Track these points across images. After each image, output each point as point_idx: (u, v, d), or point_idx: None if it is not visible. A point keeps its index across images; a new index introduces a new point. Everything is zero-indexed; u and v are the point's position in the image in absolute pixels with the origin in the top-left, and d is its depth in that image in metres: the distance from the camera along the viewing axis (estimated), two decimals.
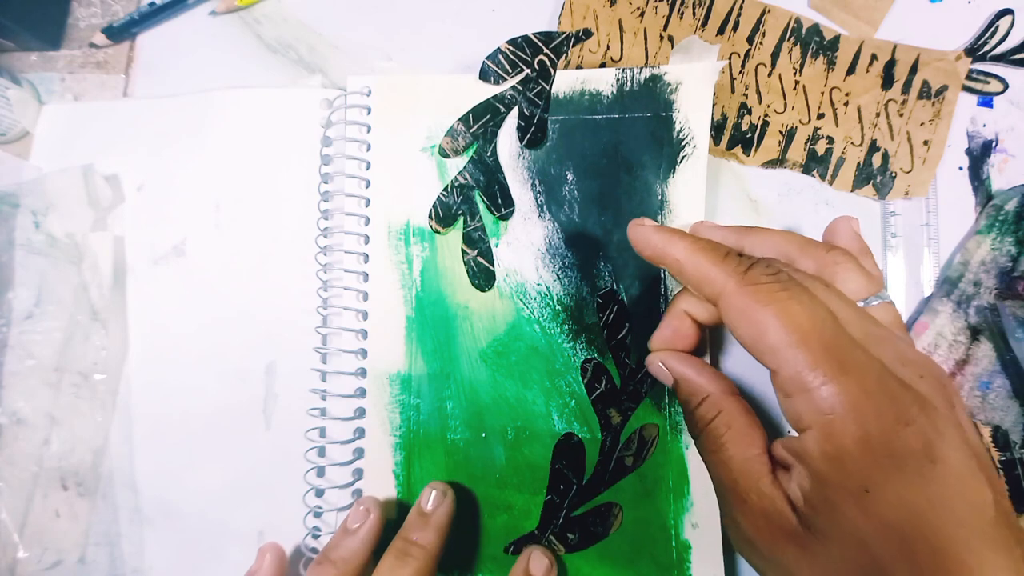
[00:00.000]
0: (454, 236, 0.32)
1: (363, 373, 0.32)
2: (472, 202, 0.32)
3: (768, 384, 0.22)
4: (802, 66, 0.34)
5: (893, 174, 0.33)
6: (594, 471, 0.30)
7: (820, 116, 0.33)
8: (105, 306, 0.34)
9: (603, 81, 0.31)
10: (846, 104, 0.33)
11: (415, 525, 0.29)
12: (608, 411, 0.30)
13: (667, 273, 0.30)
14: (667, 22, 0.35)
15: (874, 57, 0.33)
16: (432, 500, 0.29)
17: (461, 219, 0.32)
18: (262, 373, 0.34)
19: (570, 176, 0.32)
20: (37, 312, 0.34)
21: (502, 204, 0.32)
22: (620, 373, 0.30)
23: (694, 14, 0.34)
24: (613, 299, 0.31)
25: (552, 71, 0.32)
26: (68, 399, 0.33)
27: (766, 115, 0.34)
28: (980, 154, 0.33)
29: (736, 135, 0.34)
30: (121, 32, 0.38)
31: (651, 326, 0.31)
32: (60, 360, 0.33)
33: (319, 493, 0.31)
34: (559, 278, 0.31)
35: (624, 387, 0.30)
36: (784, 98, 0.34)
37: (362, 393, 0.32)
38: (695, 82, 0.31)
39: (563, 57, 0.32)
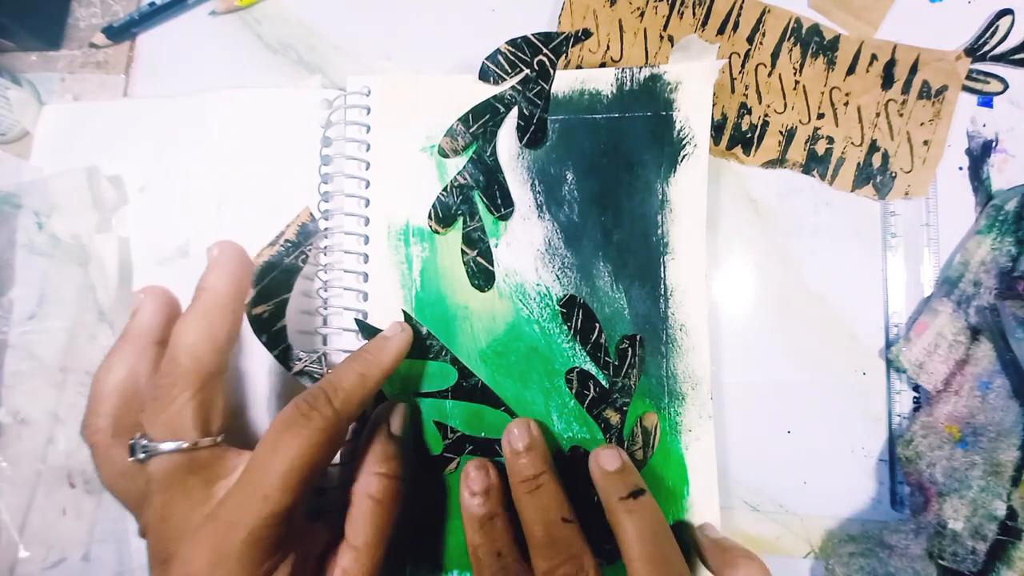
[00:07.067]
0: (454, 236, 0.32)
1: None
2: (472, 202, 0.32)
3: None
4: (802, 66, 0.34)
5: (893, 174, 0.33)
6: None
7: (820, 116, 0.33)
8: (112, 306, 0.34)
9: (603, 81, 0.31)
10: (846, 104, 0.33)
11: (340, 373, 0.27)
12: (604, 414, 0.30)
13: (667, 272, 0.30)
14: (667, 22, 0.35)
15: (874, 57, 0.33)
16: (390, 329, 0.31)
17: (461, 219, 0.32)
18: (263, 373, 0.34)
19: (570, 176, 0.32)
20: (40, 312, 0.34)
21: (502, 204, 0.32)
22: (605, 373, 0.30)
23: (694, 14, 0.34)
24: (575, 304, 0.31)
25: (552, 71, 0.32)
26: (73, 398, 0.34)
27: (766, 115, 0.34)
28: (980, 154, 0.33)
29: (736, 135, 0.34)
30: (121, 32, 0.38)
31: (652, 328, 0.31)
32: (65, 360, 0.34)
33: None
34: (559, 278, 0.31)
35: (612, 386, 0.30)
36: (784, 98, 0.34)
37: None
38: (695, 81, 0.31)
39: (563, 57, 0.32)
